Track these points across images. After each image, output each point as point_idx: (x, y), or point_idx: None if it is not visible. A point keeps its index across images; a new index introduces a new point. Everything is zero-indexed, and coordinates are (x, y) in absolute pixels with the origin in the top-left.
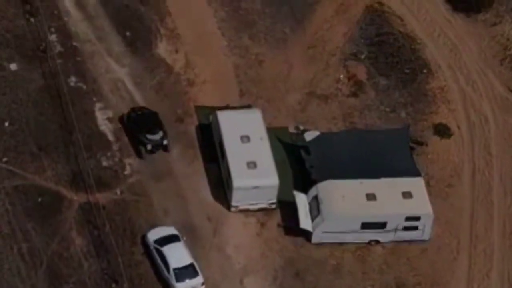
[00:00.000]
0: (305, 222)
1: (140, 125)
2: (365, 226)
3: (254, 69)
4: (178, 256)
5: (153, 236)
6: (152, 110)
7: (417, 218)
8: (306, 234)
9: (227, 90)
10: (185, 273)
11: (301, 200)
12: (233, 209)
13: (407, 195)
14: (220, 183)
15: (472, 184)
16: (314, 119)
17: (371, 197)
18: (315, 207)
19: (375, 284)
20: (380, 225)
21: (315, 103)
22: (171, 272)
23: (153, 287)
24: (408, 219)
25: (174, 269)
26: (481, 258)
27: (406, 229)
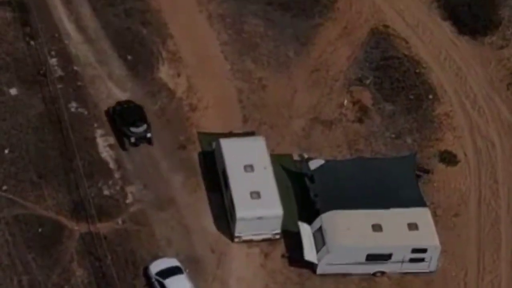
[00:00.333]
0: (309, 253)
1: (124, 118)
2: (371, 257)
3: (257, 93)
4: None
5: (155, 268)
6: (137, 104)
7: (424, 250)
8: (311, 265)
9: (230, 116)
10: None
11: (305, 231)
12: (236, 239)
13: (413, 226)
14: (223, 213)
15: (479, 213)
16: (318, 146)
17: (376, 228)
18: (319, 238)
19: None
20: (386, 257)
21: (319, 129)
22: None
23: None
24: (415, 251)
25: None
26: None
27: (412, 261)
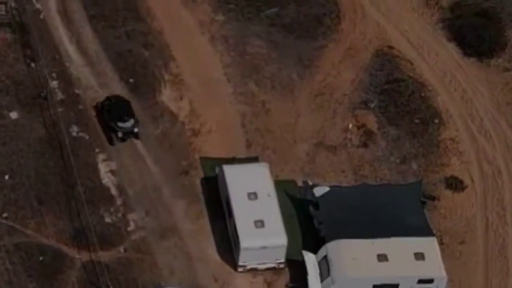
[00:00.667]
0: (314, 283)
1: (112, 113)
2: None
3: (260, 117)
4: None
5: None
6: (125, 99)
7: (430, 281)
8: None
9: (233, 140)
10: None
11: (310, 260)
12: (240, 269)
13: (419, 256)
14: (227, 241)
15: (485, 241)
16: (322, 172)
17: (382, 258)
18: (325, 268)
19: None
20: (392, 287)
21: (323, 155)
22: None
23: None
24: (421, 281)
25: None
26: None
27: None
